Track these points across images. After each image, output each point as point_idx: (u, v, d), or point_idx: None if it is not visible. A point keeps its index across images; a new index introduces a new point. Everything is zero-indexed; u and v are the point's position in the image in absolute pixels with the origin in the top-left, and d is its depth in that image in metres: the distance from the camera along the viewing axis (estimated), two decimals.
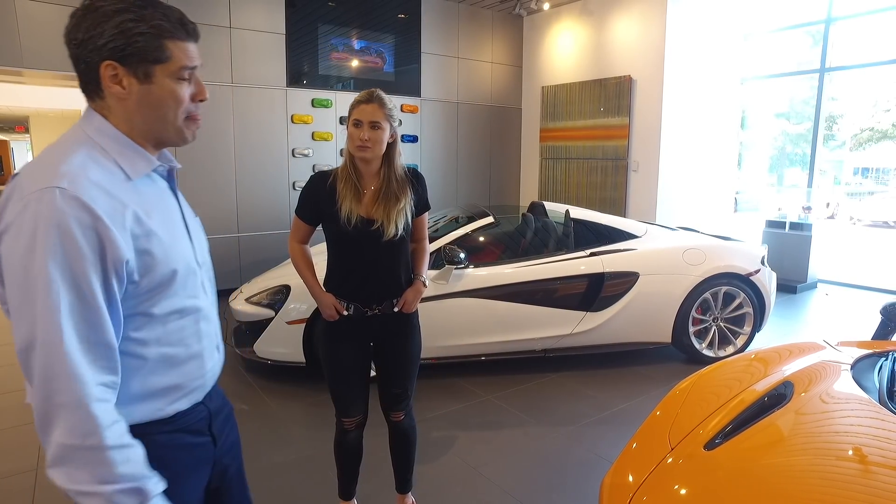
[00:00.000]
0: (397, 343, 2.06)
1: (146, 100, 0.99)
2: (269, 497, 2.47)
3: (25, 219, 0.86)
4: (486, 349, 3.76)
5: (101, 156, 0.97)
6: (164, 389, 1.05)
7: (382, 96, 1.90)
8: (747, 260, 4.07)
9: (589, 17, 6.99)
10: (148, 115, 1.01)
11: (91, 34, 0.94)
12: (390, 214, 1.91)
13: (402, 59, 6.89)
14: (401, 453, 2.22)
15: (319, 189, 1.95)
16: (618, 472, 1.58)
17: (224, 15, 5.62)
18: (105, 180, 0.94)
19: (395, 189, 1.94)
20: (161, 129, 1.03)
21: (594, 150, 7.04)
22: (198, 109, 1.07)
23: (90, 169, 0.93)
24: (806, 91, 7.36)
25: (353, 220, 1.89)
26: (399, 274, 2.02)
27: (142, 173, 1.02)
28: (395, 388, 2.10)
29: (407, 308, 2.03)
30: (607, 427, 3.13)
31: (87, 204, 0.88)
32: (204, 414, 1.16)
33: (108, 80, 0.96)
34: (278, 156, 6.08)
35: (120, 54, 0.95)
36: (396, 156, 1.96)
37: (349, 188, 1.91)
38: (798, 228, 6.43)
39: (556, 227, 4.20)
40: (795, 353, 2.03)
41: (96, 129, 0.99)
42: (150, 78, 0.98)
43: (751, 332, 4.08)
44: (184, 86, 1.03)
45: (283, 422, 3.21)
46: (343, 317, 1.99)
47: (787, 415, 1.57)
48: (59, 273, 0.86)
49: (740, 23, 6.84)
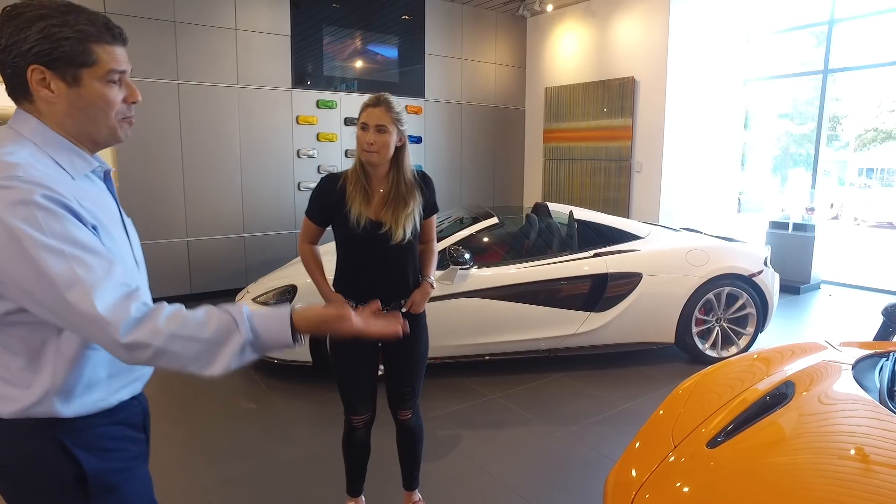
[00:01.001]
0: (405, 343, 2.09)
1: (76, 103, 1.01)
2: (276, 494, 2.51)
3: None
4: (491, 349, 3.80)
5: (42, 155, 0.99)
6: (108, 379, 1.09)
7: (390, 100, 1.93)
8: (750, 261, 4.10)
9: (592, 18, 7.01)
10: (79, 117, 1.02)
11: (15, 39, 0.95)
12: (398, 218, 1.94)
13: (406, 60, 6.93)
14: (408, 451, 2.25)
15: (329, 191, 1.98)
16: (621, 470, 1.61)
17: (230, 17, 5.66)
18: (52, 176, 0.96)
19: (403, 193, 1.97)
20: (94, 131, 1.05)
21: (597, 151, 7.06)
22: (131, 111, 1.09)
23: (38, 164, 0.96)
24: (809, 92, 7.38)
25: (361, 222, 1.92)
26: (407, 275, 2.05)
27: (82, 173, 1.05)
28: (403, 388, 2.13)
29: (415, 309, 2.06)
30: (611, 426, 3.16)
31: (46, 184, 0.92)
32: (139, 409, 1.20)
33: (36, 84, 0.98)
34: (283, 157, 6.12)
35: (46, 58, 0.96)
36: (405, 159, 1.99)
37: (358, 191, 1.94)
38: (801, 229, 6.44)
39: (559, 228, 4.23)
40: (797, 353, 2.05)
41: (32, 130, 1.00)
42: (78, 81, 1.00)
43: (754, 332, 4.11)
44: (114, 88, 1.04)
45: (291, 420, 3.24)
46: None
47: (789, 414, 1.60)
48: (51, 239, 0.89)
49: (743, 24, 6.85)
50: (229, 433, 3.07)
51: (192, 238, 5.69)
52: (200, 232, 5.74)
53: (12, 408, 1.00)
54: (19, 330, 0.98)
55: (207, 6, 5.52)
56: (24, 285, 0.91)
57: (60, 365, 1.01)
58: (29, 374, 1.00)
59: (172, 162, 5.50)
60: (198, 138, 5.60)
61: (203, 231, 5.75)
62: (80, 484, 1.05)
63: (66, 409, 1.02)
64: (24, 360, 1.00)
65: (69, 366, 1.02)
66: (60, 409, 1.02)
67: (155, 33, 5.27)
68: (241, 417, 3.27)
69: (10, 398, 1.00)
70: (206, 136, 5.64)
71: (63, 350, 1.01)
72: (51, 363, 1.01)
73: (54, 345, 1.01)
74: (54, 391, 1.01)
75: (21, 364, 1.00)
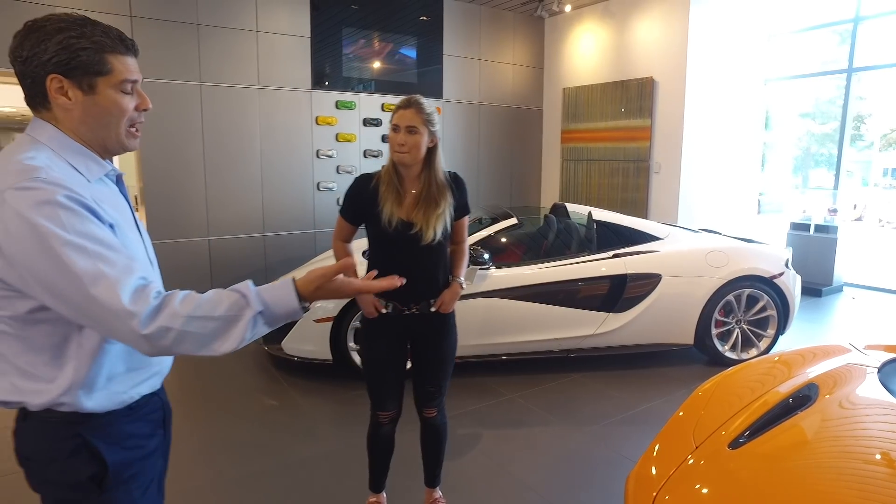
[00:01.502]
0: (433, 342, 2.12)
1: (91, 110, 1.06)
2: (297, 489, 2.55)
3: (18, 208, 0.92)
4: (510, 349, 3.81)
5: (59, 160, 1.04)
6: (127, 372, 1.13)
7: (421, 102, 1.97)
8: (771, 262, 4.06)
9: (611, 18, 6.98)
10: (93, 123, 1.08)
11: (35, 51, 1.01)
12: (429, 219, 1.97)
13: (424, 60, 6.96)
14: (431, 449, 2.29)
15: (363, 191, 2.03)
16: (642, 471, 1.62)
17: (251, 19, 5.74)
18: (70, 178, 1.01)
19: (434, 193, 2.00)
20: (105, 137, 1.10)
21: (615, 151, 7.03)
22: (141, 118, 1.14)
23: (56, 167, 1.01)
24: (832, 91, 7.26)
25: (393, 222, 1.96)
26: (437, 275, 2.08)
27: (96, 176, 1.10)
28: (430, 386, 2.17)
29: (444, 308, 2.09)
30: (630, 427, 3.16)
31: (67, 185, 0.97)
32: (159, 405, 1.24)
33: (55, 92, 1.03)
34: (303, 157, 6.19)
35: (64, 68, 1.02)
36: (437, 160, 2.03)
37: (391, 191, 1.98)
38: (823, 231, 6.35)
39: (578, 229, 4.23)
40: (820, 355, 2.03)
41: (49, 136, 1.06)
42: (93, 89, 1.05)
43: (774, 334, 4.07)
44: (126, 97, 1.09)
45: (312, 417, 3.29)
46: (381, 314, 2.06)
47: (812, 417, 1.58)
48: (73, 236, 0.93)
49: (764, 23, 6.77)
50: (251, 430, 3.13)
51: (213, 237, 5.78)
52: (221, 231, 5.83)
53: (38, 401, 1.05)
54: (42, 327, 1.02)
55: (230, 9, 5.61)
56: (49, 282, 0.94)
57: (82, 359, 1.05)
58: (53, 370, 1.04)
59: (194, 162, 5.60)
60: (219, 139, 5.69)
61: (224, 230, 5.84)
62: (98, 477, 1.09)
63: (88, 403, 1.06)
64: (48, 356, 1.04)
65: (90, 360, 1.06)
66: (84, 403, 1.06)
67: (179, 36, 5.37)
68: (263, 414, 3.32)
69: (35, 392, 1.04)
70: (227, 136, 5.73)
71: (84, 345, 1.05)
72: (73, 358, 1.05)
73: (76, 340, 1.05)
74: (77, 385, 1.05)
75: (45, 360, 1.04)
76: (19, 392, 1.05)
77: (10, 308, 1.00)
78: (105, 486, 1.10)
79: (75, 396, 1.05)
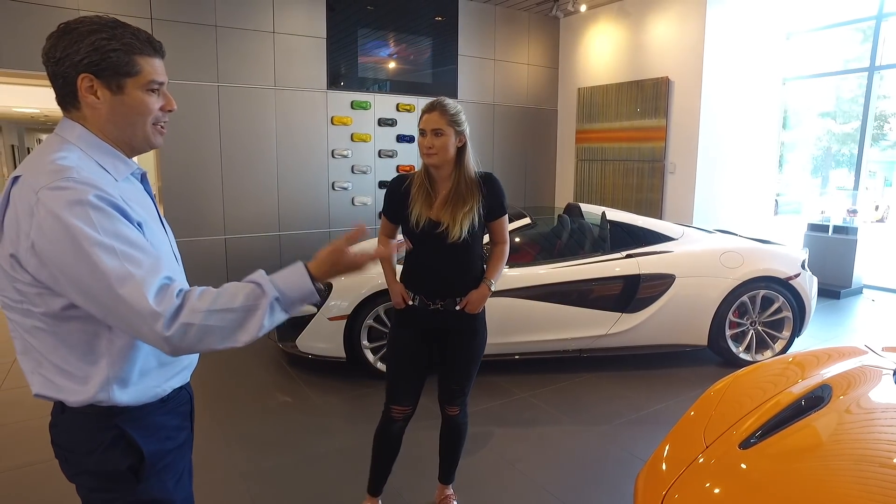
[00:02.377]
0: (460, 342, 2.15)
1: (119, 109, 1.10)
2: (311, 484, 2.59)
3: (51, 208, 0.95)
4: (522, 348, 3.82)
5: (88, 159, 1.07)
6: (159, 367, 1.16)
7: (445, 104, 2.01)
8: (787, 263, 4.02)
9: (626, 18, 6.95)
10: (120, 122, 1.11)
11: (68, 52, 1.04)
12: (456, 217, 2.00)
13: (439, 61, 6.98)
14: (450, 446, 2.32)
15: (395, 192, 2.10)
16: (652, 470, 1.62)
17: (268, 20, 5.81)
18: (100, 177, 1.04)
19: (462, 191, 2.03)
20: (131, 136, 1.13)
21: (630, 151, 7.00)
22: (165, 118, 1.18)
23: (86, 167, 1.04)
24: (853, 90, 7.14)
25: (421, 222, 2.01)
26: (464, 274, 2.10)
27: (123, 175, 1.13)
28: (454, 384, 2.20)
29: (469, 308, 2.10)
30: (642, 427, 3.15)
31: (98, 185, 1.00)
32: (187, 398, 1.28)
33: (85, 90, 1.07)
34: (318, 157, 6.25)
35: (95, 68, 1.05)
36: (467, 159, 2.05)
37: (421, 193, 2.04)
38: (842, 232, 6.26)
39: (591, 229, 4.22)
40: (835, 356, 2.01)
41: (78, 136, 1.09)
42: (122, 89, 1.09)
43: (790, 336, 4.03)
44: (153, 97, 1.13)
45: (325, 414, 3.33)
46: (409, 305, 2.12)
47: (825, 418, 1.57)
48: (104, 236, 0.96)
49: (783, 21, 6.69)
50: (267, 425, 3.18)
51: (229, 236, 5.86)
52: (237, 230, 5.91)
53: (77, 398, 1.08)
54: (74, 324, 1.05)
55: (247, 10, 5.68)
56: (78, 280, 0.97)
57: (114, 356, 1.08)
58: (86, 366, 1.07)
59: (212, 162, 5.68)
60: (236, 139, 5.77)
61: (240, 229, 5.92)
62: (135, 467, 1.13)
63: (124, 397, 1.10)
64: (81, 353, 1.07)
65: (122, 356, 1.09)
66: (119, 398, 1.09)
67: (197, 38, 5.45)
68: (278, 411, 3.37)
69: (73, 390, 1.08)
70: (244, 136, 5.81)
71: (115, 342, 1.08)
72: (105, 354, 1.08)
73: (107, 337, 1.08)
74: (113, 380, 1.08)
75: (78, 356, 1.07)
76: (56, 388, 1.08)
77: (44, 305, 1.03)
78: (141, 476, 1.13)
79: (110, 392, 1.08)
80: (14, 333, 1.10)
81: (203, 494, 2.44)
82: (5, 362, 4.06)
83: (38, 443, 2.91)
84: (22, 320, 1.06)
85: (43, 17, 4.79)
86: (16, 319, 1.07)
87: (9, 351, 4.27)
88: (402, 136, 6.74)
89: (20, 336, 1.09)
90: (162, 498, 1.17)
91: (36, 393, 1.10)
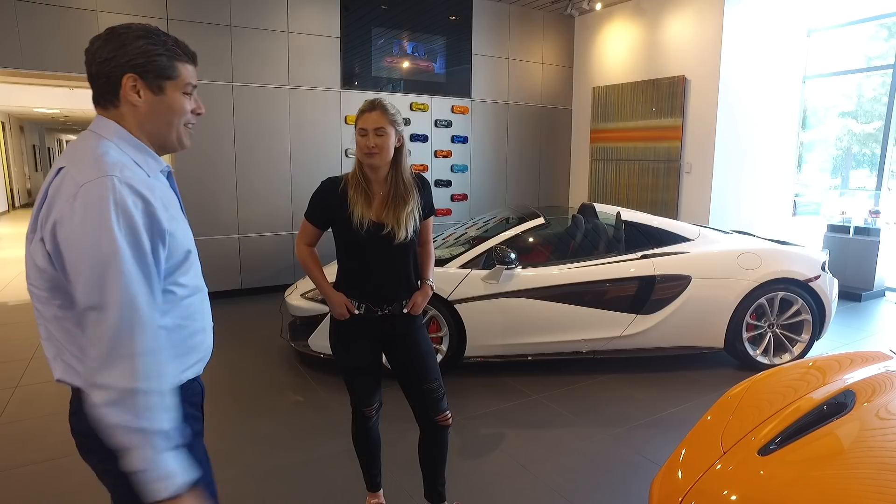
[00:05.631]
0: (409, 340, 2.11)
1: (157, 108, 1.17)
2: (322, 483, 2.58)
3: (89, 201, 1.01)
4: (536, 349, 3.79)
5: (123, 156, 1.12)
6: (178, 358, 1.20)
7: (385, 103, 1.98)
8: (806, 265, 3.94)
9: (642, 16, 6.87)
10: (156, 121, 1.18)
11: (115, 53, 1.12)
12: (399, 218, 1.98)
13: (453, 60, 6.96)
14: (438, 458, 2.18)
15: (330, 195, 2.03)
16: (668, 475, 1.58)
17: (282, 20, 5.83)
18: (135, 176, 1.09)
19: (402, 192, 2.01)
20: (166, 135, 1.21)
21: (646, 151, 6.92)
22: (193, 119, 1.26)
23: (125, 165, 1.09)
24: (876, 88, 6.99)
25: (364, 224, 1.96)
26: (409, 276, 2.08)
27: (154, 172, 1.18)
28: (427, 383, 2.10)
29: (415, 310, 2.09)
30: (656, 431, 3.10)
31: (137, 188, 1.06)
32: (199, 390, 1.33)
33: (128, 90, 1.14)
34: (332, 156, 6.26)
35: (141, 70, 1.14)
36: (404, 160, 2.03)
37: (359, 194, 1.99)
38: (864, 233, 6.13)
39: (606, 229, 4.17)
40: (858, 361, 1.96)
41: (114, 132, 1.15)
42: (162, 91, 1.17)
43: (809, 339, 3.95)
44: (187, 99, 1.22)
45: (336, 413, 3.33)
46: (354, 316, 2.06)
47: (848, 425, 1.53)
48: (127, 244, 1.02)
49: (803, 18, 6.58)
50: (278, 424, 3.18)
51: (243, 235, 5.90)
52: (251, 229, 5.94)
53: None
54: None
55: (262, 10, 5.71)
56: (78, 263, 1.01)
57: None
58: None
59: (226, 161, 5.71)
60: (250, 138, 5.80)
61: (253, 228, 5.95)
62: None
63: None
64: None
65: None
66: None
67: (212, 37, 5.49)
68: (289, 410, 3.37)
69: None
70: (258, 136, 5.84)
71: None
72: None
73: None
74: None
75: None
76: (76, 374, 1.12)
77: (62, 297, 1.08)
78: None
79: None
80: (39, 321, 1.15)
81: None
82: (23, 359, 4.12)
83: (57, 437, 2.96)
84: (44, 309, 1.12)
85: (62, 19, 4.86)
86: (40, 308, 1.13)
87: (26, 348, 4.33)
88: (416, 136, 6.74)
89: (43, 323, 1.14)
90: None
91: (57, 378, 1.16)
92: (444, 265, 3.73)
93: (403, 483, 2.54)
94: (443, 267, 3.71)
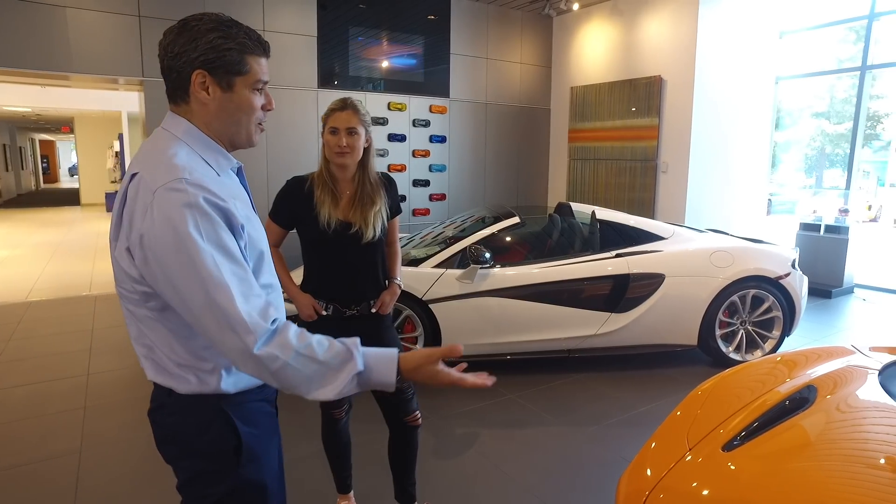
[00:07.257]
0: (377, 341, 2.07)
1: (226, 106, 1.13)
2: (292, 486, 2.54)
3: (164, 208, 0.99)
4: (511, 348, 3.79)
5: (194, 155, 1.11)
6: None
7: (356, 103, 1.97)
8: (777, 263, 4.00)
9: (619, 17, 6.93)
10: (225, 119, 1.15)
11: (186, 48, 1.09)
12: (367, 218, 1.97)
13: (432, 59, 6.95)
14: (409, 458, 2.17)
15: (296, 194, 2.01)
16: (634, 471, 1.60)
17: (258, 18, 5.77)
18: (208, 176, 1.08)
19: (369, 192, 2.00)
20: (235, 132, 1.17)
21: (623, 150, 6.98)
22: (265, 117, 1.21)
23: (195, 165, 1.08)
24: (847, 90, 7.15)
25: (332, 224, 1.95)
26: (377, 275, 2.08)
27: (225, 170, 1.17)
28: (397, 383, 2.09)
29: (383, 310, 2.09)
30: (631, 428, 3.12)
31: (208, 187, 1.04)
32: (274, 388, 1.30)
33: (198, 86, 1.10)
34: (309, 155, 6.21)
35: (210, 66, 1.09)
36: (371, 160, 2.03)
37: (326, 193, 1.97)
38: (834, 231, 6.25)
39: (582, 228, 4.19)
40: (822, 356, 2.00)
41: (184, 131, 1.12)
42: (231, 87, 1.13)
43: (780, 336, 4.01)
44: (258, 96, 1.17)
45: (306, 415, 3.28)
46: (321, 317, 2.04)
47: (809, 419, 1.56)
48: (207, 243, 1.00)
49: (775, 21, 6.69)
50: None
51: None
52: None
53: (187, 388, 1.13)
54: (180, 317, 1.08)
55: (236, 8, 5.63)
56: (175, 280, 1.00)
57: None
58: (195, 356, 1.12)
59: None
60: None
61: None
62: (236, 451, 1.17)
63: (228, 385, 1.15)
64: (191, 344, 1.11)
65: None
66: (225, 385, 1.14)
67: None
68: None
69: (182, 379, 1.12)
70: None
71: None
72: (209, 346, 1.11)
73: None
74: (220, 367, 1.13)
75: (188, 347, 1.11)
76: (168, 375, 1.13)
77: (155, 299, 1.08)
78: (241, 460, 1.17)
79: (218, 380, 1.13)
80: (129, 320, 1.15)
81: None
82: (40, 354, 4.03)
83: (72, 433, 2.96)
84: (135, 309, 1.11)
85: (31, 14, 4.74)
86: (130, 308, 1.12)
87: (40, 345, 4.22)
88: (394, 136, 6.71)
89: (134, 323, 1.13)
90: (258, 481, 1.21)
91: (150, 378, 1.16)
92: (419, 265, 3.72)
93: (374, 484, 2.52)
94: (417, 267, 3.70)
